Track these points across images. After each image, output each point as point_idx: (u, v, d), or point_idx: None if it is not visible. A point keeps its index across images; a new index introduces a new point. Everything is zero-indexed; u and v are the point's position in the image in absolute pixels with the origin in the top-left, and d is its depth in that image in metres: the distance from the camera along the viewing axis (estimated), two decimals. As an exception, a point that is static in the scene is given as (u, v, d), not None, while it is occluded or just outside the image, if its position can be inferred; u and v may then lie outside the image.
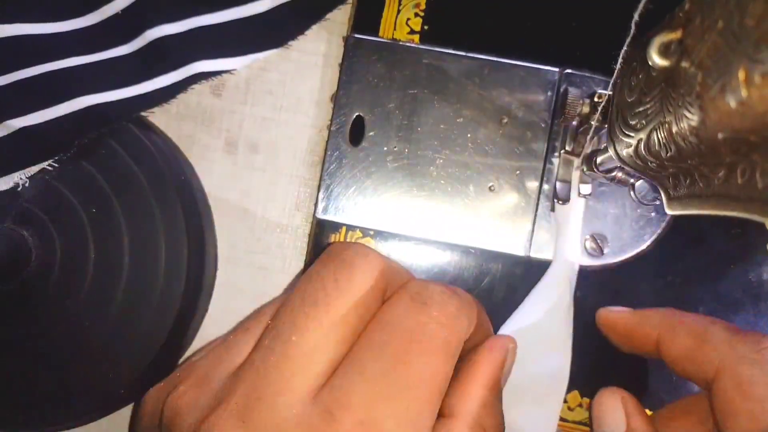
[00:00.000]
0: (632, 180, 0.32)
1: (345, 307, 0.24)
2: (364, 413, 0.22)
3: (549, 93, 0.35)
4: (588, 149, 0.32)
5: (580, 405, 0.35)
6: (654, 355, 0.31)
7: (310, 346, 0.24)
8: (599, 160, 0.31)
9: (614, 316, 0.33)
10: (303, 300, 0.25)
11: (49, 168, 0.35)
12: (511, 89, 0.35)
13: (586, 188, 0.34)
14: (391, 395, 0.23)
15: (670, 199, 0.24)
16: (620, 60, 0.25)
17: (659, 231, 0.35)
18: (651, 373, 0.35)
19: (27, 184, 0.35)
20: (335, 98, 0.36)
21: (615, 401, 0.32)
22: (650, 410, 0.35)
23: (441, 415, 0.26)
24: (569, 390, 0.35)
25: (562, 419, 0.35)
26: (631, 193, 0.34)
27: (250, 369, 0.24)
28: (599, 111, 0.29)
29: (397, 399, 0.23)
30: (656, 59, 0.21)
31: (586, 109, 0.32)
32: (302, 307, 0.25)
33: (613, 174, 0.31)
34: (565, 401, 0.35)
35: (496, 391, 0.27)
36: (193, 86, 0.38)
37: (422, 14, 0.36)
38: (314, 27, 0.38)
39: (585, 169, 0.33)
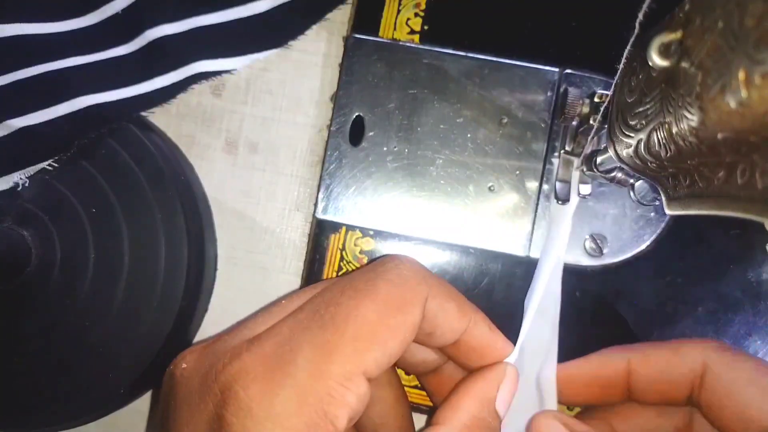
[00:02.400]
0: (632, 180, 0.32)
1: None
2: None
3: (549, 93, 0.35)
4: (588, 149, 0.32)
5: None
6: (617, 395, 0.30)
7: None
8: (599, 160, 0.31)
9: (568, 372, 0.30)
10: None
11: (49, 168, 0.35)
12: (511, 89, 0.35)
13: (586, 188, 0.34)
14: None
15: (669, 199, 0.24)
16: (623, 61, 0.25)
17: (659, 231, 0.35)
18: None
19: (27, 184, 0.35)
20: (335, 98, 0.36)
21: (556, 426, 0.28)
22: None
23: (430, 424, 0.26)
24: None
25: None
26: (631, 193, 0.34)
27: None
28: (600, 111, 0.29)
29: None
30: (656, 59, 0.21)
31: (586, 109, 0.32)
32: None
33: (613, 174, 0.31)
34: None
35: (488, 410, 0.27)
36: (193, 86, 0.38)
37: (422, 14, 0.36)
38: (314, 27, 0.38)
39: (585, 170, 0.33)
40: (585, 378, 0.30)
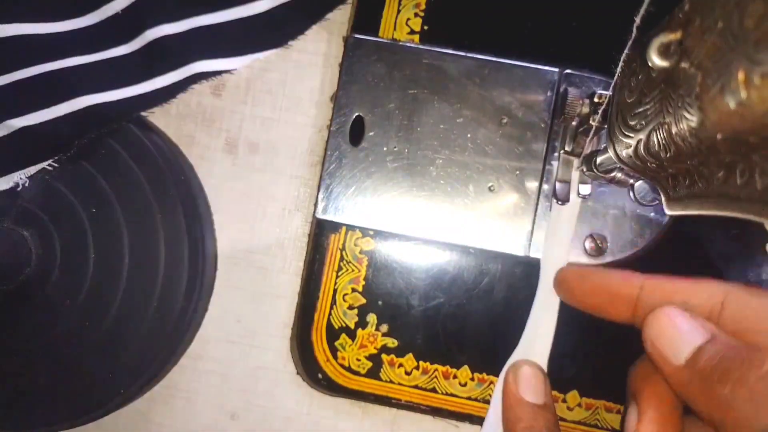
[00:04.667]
0: (631, 180, 0.32)
1: None
2: None
3: (549, 93, 0.35)
4: (588, 150, 0.32)
5: (579, 405, 0.35)
6: (622, 310, 0.29)
7: None
8: (599, 160, 0.31)
9: (584, 271, 0.31)
10: None
11: (49, 168, 0.35)
12: (511, 89, 0.35)
13: (586, 188, 0.34)
14: None
15: (669, 199, 0.24)
16: (621, 63, 0.25)
17: (658, 231, 0.35)
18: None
19: (27, 184, 0.35)
20: (335, 98, 0.36)
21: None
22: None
23: None
24: (568, 389, 0.35)
25: (561, 419, 0.35)
26: (631, 193, 0.34)
27: None
28: (600, 111, 0.29)
29: None
30: (656, 60, 0.21)
31: (585, 110, 0.32)
32: None
33: (613, 174, 0.31)
34: (564, 401, 0.35)
35: None
36: (193, 86, 0.38)
37: (422, 14, 0.36)
38: (314, 27, 0.38)
39: (585, 170, 0.33)
40: (598, 280, 0.30)
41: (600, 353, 0.35)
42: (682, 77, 0.19)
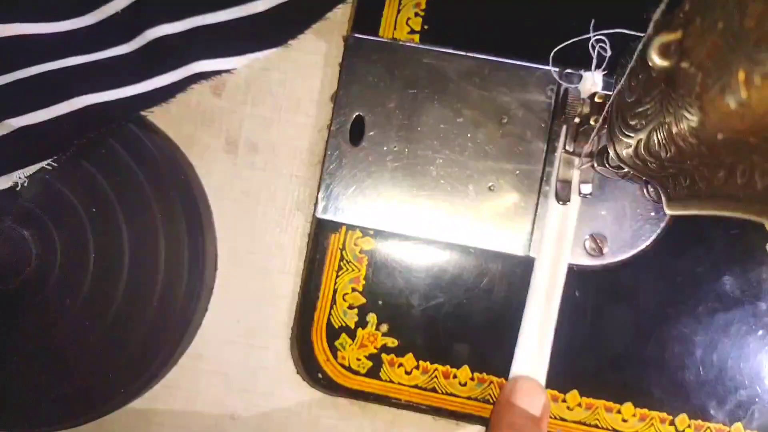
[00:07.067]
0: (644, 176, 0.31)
1: None
2: None
3: (549, 93, 0.35)
4: (598, 146, 0.32)
5: (579, 404, 0.35)
6: None
7: None
8: (611, 156, 0.30)
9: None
10: None
11: (49, 168, 0.35)
12: (511, 89, 0.35)
13: (587, 188, 0.34)
14: None
15: (669, 199, 0.24)
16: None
17: (659, 231, 0.35)
18: (650, 374, 0.35)
19: (27, 184, 0.35)
20: (335, 98, 0.36)
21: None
22: (648, 410, 0.35)
23: None
24: (569, 389, 0.35)
25: (561, 419, 0.35)
26: (645, 190, 0.34)
27: None
28: (601, 110, 0.29)
29: None
30: (656, 60, 0.20)
31: (586, 109, 0.32)
32: None
33: (626, 170, 0.31)
34: (564, 400, 0.35)
35: None
36: (193, 86, 0.38)
37: (422, 14, 0.36)
38: (314, 26, 0.38)
39: (596, 165, 0.33)
40: None
41: (600, 353, 0.35)
42: (683, 77, 0.19)
